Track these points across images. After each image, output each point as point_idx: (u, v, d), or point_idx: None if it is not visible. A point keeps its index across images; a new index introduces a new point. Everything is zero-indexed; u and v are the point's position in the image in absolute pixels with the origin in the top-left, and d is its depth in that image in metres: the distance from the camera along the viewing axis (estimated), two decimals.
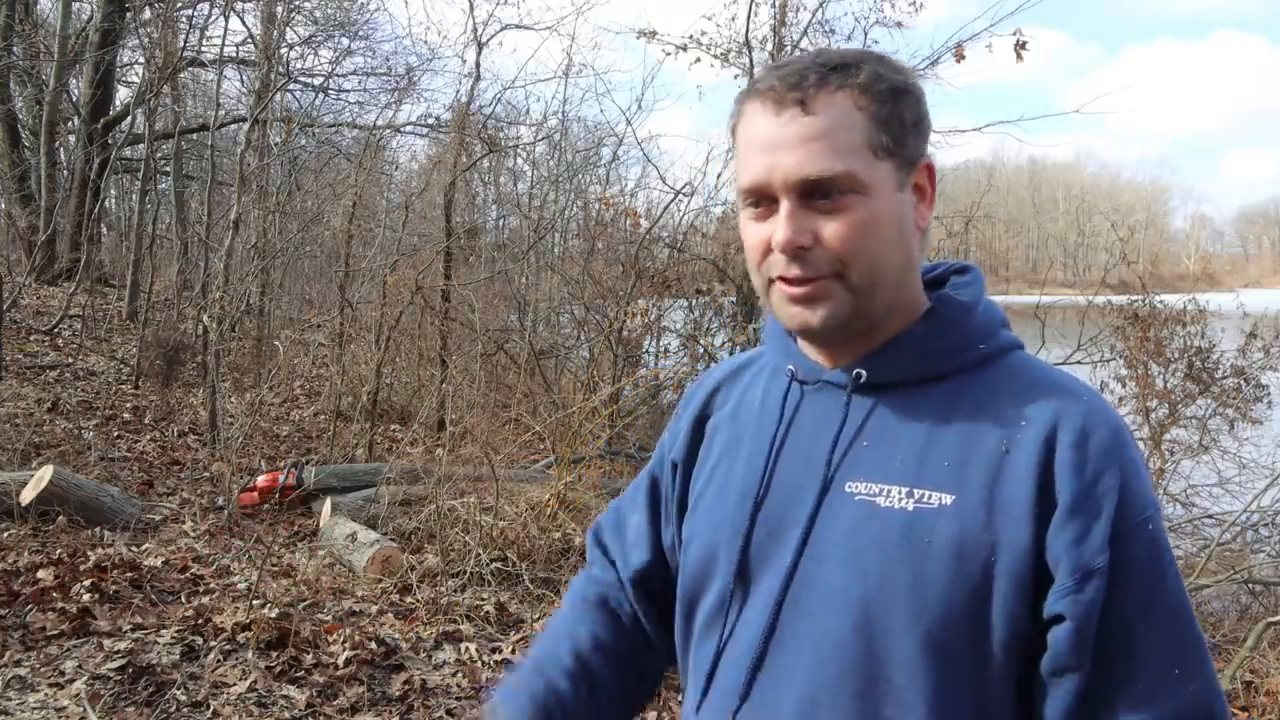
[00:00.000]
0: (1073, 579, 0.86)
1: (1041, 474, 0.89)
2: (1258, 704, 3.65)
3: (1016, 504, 0.88)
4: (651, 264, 8.23)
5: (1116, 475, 0.88)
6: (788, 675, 0.94)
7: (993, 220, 12.63)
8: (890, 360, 0.97)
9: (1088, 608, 0.86)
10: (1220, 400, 6.26)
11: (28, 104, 15.51)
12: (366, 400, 7.62)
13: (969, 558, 0.88)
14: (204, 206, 11.83)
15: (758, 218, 0.96)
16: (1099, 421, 0.91)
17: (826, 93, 0.92)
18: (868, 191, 0.92)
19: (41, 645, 3.51)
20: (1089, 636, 0.86)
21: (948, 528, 0.89)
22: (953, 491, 0.90)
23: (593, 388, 7.32)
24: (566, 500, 5.15)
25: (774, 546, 0.97)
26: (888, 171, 0.94)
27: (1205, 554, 4.65)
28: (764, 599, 0.97)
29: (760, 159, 0.94)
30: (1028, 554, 0.88)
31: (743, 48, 7.83)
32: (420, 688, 3.44)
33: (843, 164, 0.91)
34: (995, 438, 0.91)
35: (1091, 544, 0.86)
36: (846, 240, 0.92)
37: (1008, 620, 0.88)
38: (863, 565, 0.91)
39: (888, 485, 0.93)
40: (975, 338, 0.98)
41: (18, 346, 9.30)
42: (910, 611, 0.89)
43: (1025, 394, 0.94)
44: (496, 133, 12.35)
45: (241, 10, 14.25)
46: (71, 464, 5.84)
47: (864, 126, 0.92)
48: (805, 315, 0.95)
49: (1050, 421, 0.90)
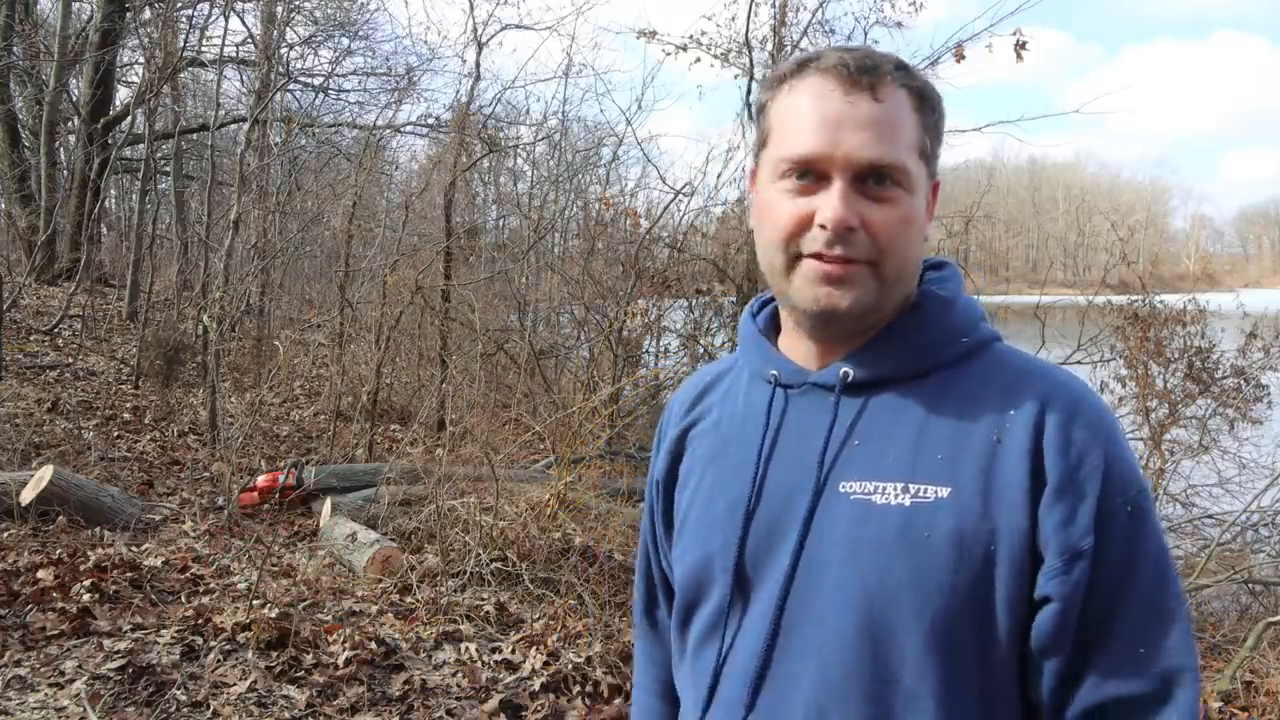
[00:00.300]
0: (1061, 560, 0.88)
1: (1032, 457, 0.90)
2: (1258, 704, 3.65)
3: (1011, 489, 0.89)
4: (651, 264, 8.23)
5: (1101, 456, 0.89)
6: (793, 682, 0.93)
7: (993, 220, 12.63)
8: (877, 356, 0.98)
9: (1074, 588, 0.87)
10: (1220, 400, 6.26)
11: (28, 104, 15.51)
12: (366, 400, 7.62)
13: (969, 548, 0.89)
14: (204, 206, 11.83)
15: (800, 191, 0.95)
16: (1083, 404, 0.93)
17: (893, 86, 0.94)
18: (912, 188, 0.95)
19: (41, 645, 3.51)
20: (1074, 618, 0.88)
21: (946, 520, 0.89)
22: (948, 484, 0.91)
23: (593, 388, 7.32)
24: (566, 500, 5.15)
25: (770, 553, 0.96)
26: (923, 175, 0.97)
27: (1205, 554, 4.65)
28: (763, 606, 0.96)
29: (821, 133, 0.93)
30: (1025, 536, 0.89)
31: (743, 48, 7.83)
32: (420, 688, 3.44)
33: (902, 156, 0.93)
34: (986, 428, 0.92)
35: (1079, 525, 0.88)
36: (890, 230, 0.93)
37: (1010, 606, 0.89)
38: (862, 564, 0.91)
39: (882, 483, 0.93)
40: (958, 331, 0.99)
41: (18, 346, 9.30)
42: (914, 607, 0.89)
43: (1012, 383, 0.95)
44: (496, 133, 12.35)
45: (241, 10, 14.27)
46: (71, 464, 5.84)
47: (916, 127, 0.95)
48: (834, 297, 0.94)
49: (1037, 406, 0.92)
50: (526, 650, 3.76)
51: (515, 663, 3.70)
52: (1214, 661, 4.24)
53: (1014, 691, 0.91)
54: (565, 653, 3.69)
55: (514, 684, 3.53)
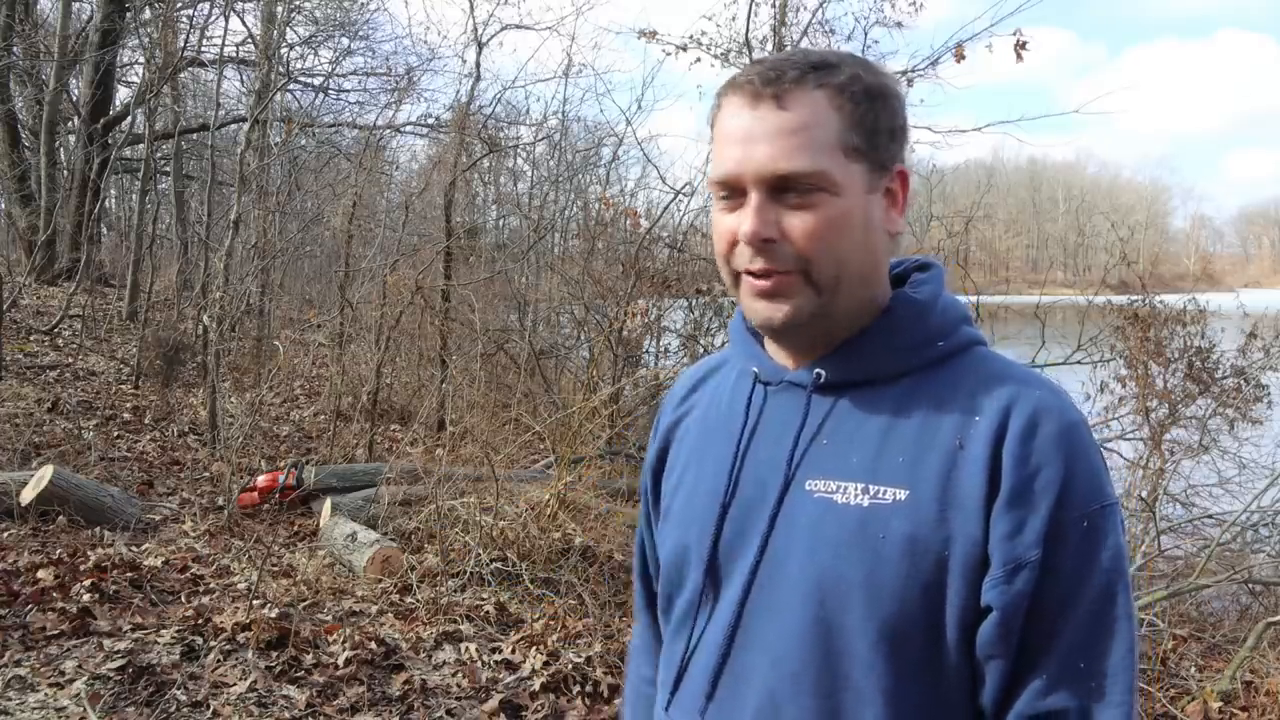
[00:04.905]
0: (1003, 570, 0.87)
1: (990, 465, 0.89)
2: (1258, 704, 3.65)
3: (968, 496, 0.89)
4: (651, 264, 8.22)
5: (1059, 469, 0.88)
6: (751, 673, 0.95)
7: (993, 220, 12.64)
8: (847, 360, 0.98)
9: (1015, 599, 0.87)
10: (1220, 400, 6.25)
11: (28, 104, 15.50)
12: (366, 400, 7.62)
13: (921, 553, 0.88)
14: (204, 206, 11.84)
15: (727, 209, 0.96)
16: (1050, 414, 0.90)
17: (804, 90, 0.93)
18: (837, 191, 0.93)
19: (41, 645, 3.51)
20: (1015, 629, 0.87)
21: (901, 524, 0.89)
22: (907, 487, 0.90)
23: (593, 388, 7.31)
24: (566, 500, 5.15)
25: (740, 546, 0.98)
26: (859, 173, 0.94)
27: (1205, 554, 4.65)
28: (730, 597, 0.98)
29: (732, 151, 0.94)
30: (979, 545, 0.88)
31: (743, 48, 7.82)
32: (420, 688, 3.44)
33: (813, 161, 0.91)
34: (949, 432, 0.92)
35: (1025, 537, 0.87)
36: (811, 237, 0.92)
37: (960, 614, 0.88)
38: (819, 562, 0.92)
39: (845, 482, 0.93)
40: (932, 335, 0.98)
41: (18, 346, 9.30)
42: (864, 608, 0.89)
43: (981, 388, 0.93)
44: (496, 133, 12.34)
45: (241, 10, 14.27)
46: (71, 464, 5.84)
47: (838, 126, 0.93)
48: (770, 309, 0.95)
49: (1001, 413, 0.91)
50: (526, 650, 3.76)
51: (515, 663, 3.70)
52: (1214, 661, 4.24)
53: (964, 697, 0.91)
54: (565, 653, 3.69)
55: (514, 684, 3.53)
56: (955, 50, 6.86)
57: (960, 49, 6.82)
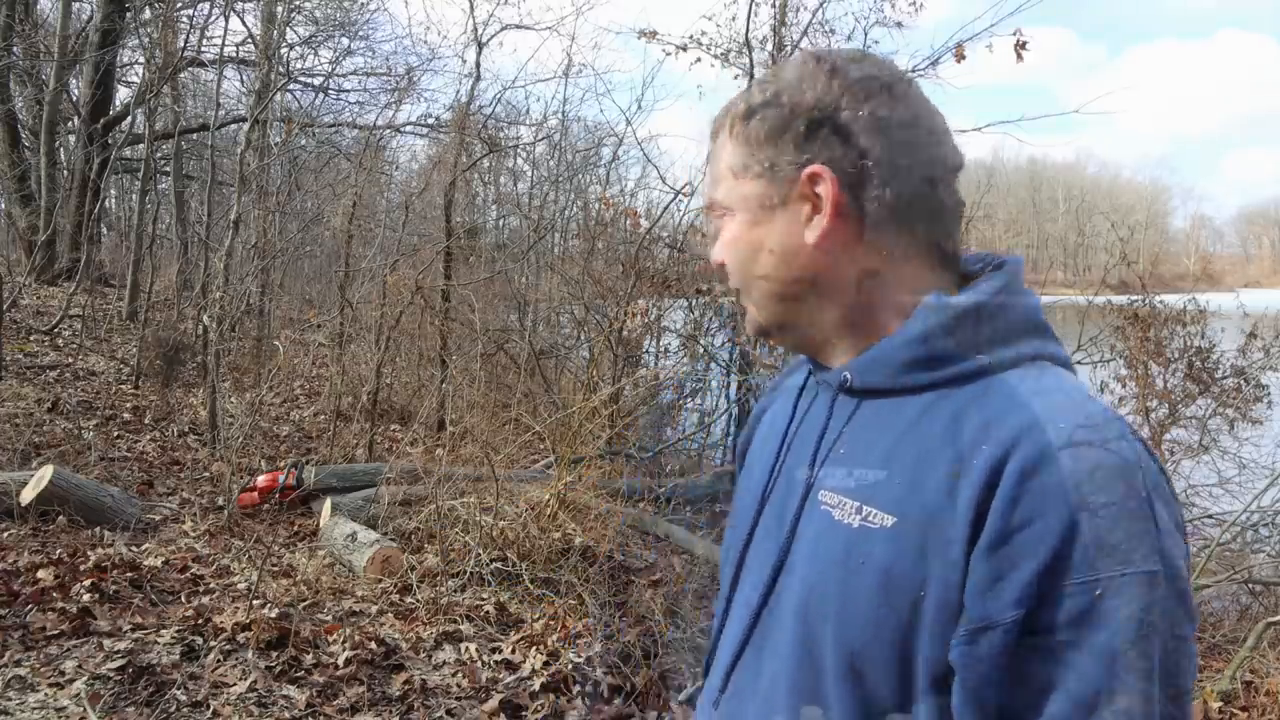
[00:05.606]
0: (967, 630, 0.76)
1: (979, 505, 0.77)
2: (1258, 704, 3.65)
3: (952, 536, 0.78)
4: (651, 264, 8.23)
5: (1060, 522, 0.74)
6: (756, 676, 0.96)
7: (993, 220, 12.64)
8: (867, 365, 0.92)
9: (978, 663, 0.76)
10: (1220, 400, 6.26)
11: (28, 104, 15.49)
12: (366, 400, 7.62)
13: (895, 589, 0.80)
14: (204, 206, 11.84)
15: None
16: (1058, 457, 0.76)
17: (722, 124, 0.98)
18: (732, 215, 0.96)
19: (41, 645, 3.51)
20: (977, 697, 0.76)
21: (882, 553, 0.82)
22: (896, 514, 0.82)
23: (593, 388, 7.31)
24: (566, 500, 5.15)
25: (765, 550, 0.98)
26: (752, 190, 0.92)
27: (1205, 554, 4.65)
28: (749, 599, 0.99)
29: None
30: (956, 591, 0.78)
31: (743, 48, 7.82)
32: (420, 688, 3.44)
33: (717, 190, 0.97)
34: (949, 460, 0.81)
35: (1002, 596, 0.75)
36: (725, 260, 0.97)
37: (931, 667, 0.79)
38: (809, 579, 0.89)
39: (845, 498, 0.88)
40: (966, 346, 0.86)
41: (18, 346, 9.29)
42: (834, 633, 0.85)
43: (997, 414, 0.81)
44: (496, 133, 12.33)
45: (241, 10, 14.25)
46: (71, 464, 5.84)
47: (731, 150, 0.95)
48: (745, 323, 1.01)
49: (1007, 445, 0.78)
50: (526, 650, 3.76)
51: (515, 663, 3.71)
52: (1214, 661, 4.24)
53: None
54: (565, 653, 3.70)
55: (514, 684, 3.53)
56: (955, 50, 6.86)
57: (960, 49, 6.83)
